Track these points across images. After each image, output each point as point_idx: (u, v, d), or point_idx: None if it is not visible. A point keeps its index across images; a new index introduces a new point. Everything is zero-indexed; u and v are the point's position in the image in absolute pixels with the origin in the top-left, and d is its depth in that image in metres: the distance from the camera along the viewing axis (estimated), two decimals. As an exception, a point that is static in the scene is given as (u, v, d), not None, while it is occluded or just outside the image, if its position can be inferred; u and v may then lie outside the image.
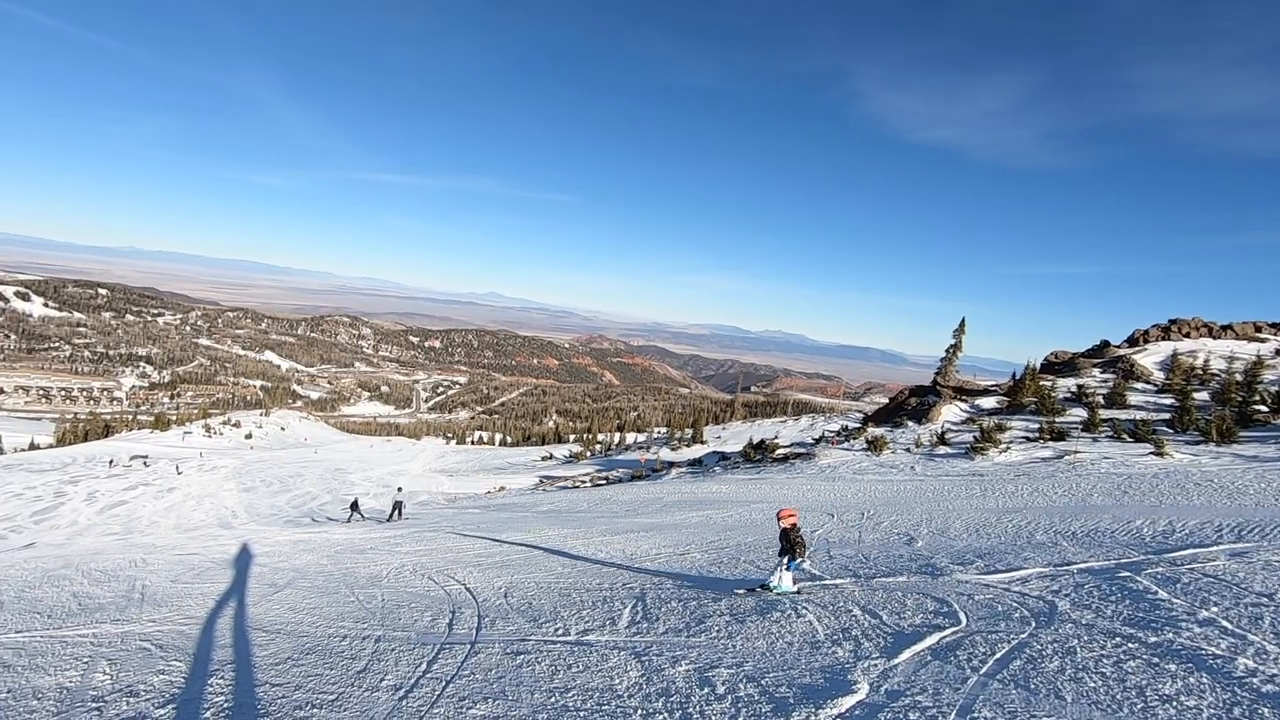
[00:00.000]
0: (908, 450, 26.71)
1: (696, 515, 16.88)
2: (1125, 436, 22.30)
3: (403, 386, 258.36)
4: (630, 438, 78.18)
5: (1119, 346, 39.65)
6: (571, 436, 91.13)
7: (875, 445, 27.50)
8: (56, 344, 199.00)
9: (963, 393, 36.07)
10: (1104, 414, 25.72)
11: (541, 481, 42.14)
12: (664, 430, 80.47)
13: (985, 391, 36.19)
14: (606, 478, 39.18)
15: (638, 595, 8.53)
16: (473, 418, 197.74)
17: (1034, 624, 5.91)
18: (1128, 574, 7.26)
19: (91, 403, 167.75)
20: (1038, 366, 34.24)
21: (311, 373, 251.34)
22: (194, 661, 7.05)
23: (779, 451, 33.15)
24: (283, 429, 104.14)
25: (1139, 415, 24.92)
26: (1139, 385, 31.71)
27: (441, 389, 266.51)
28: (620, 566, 10.85)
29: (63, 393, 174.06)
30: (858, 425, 40.10)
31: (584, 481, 38.69)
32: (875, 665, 5.24)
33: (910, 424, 33.27)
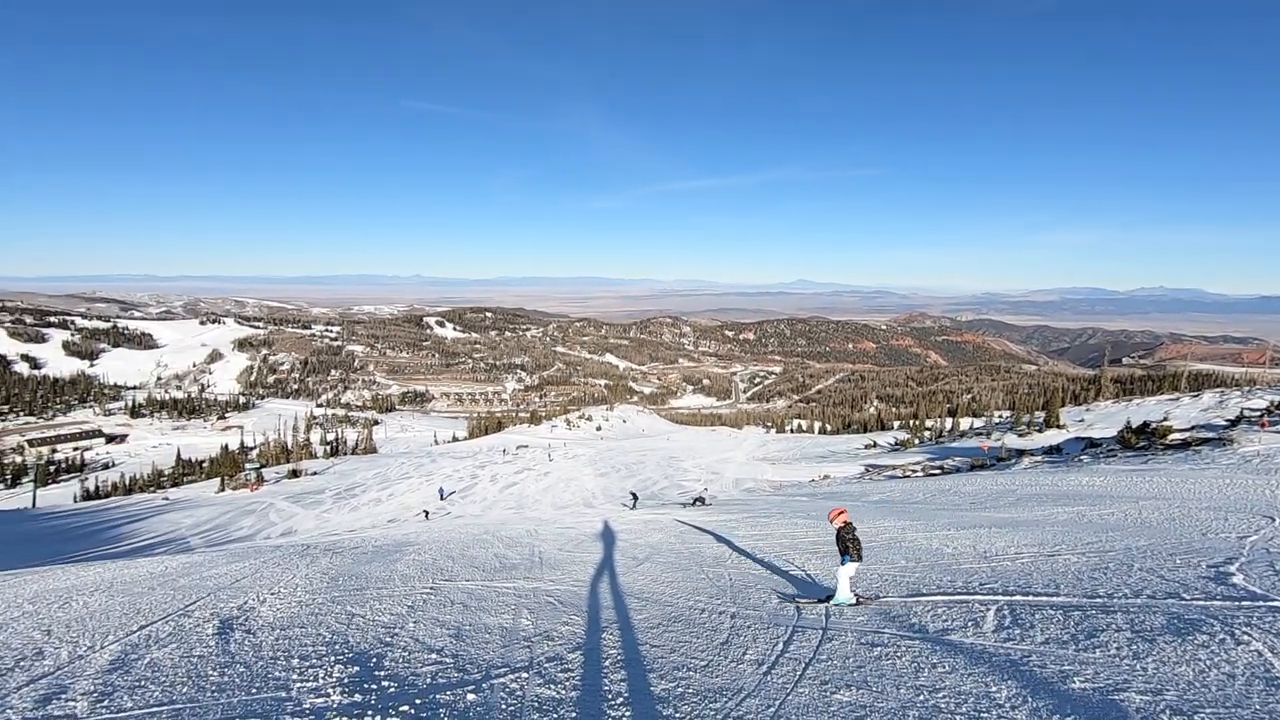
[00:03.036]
0: (1397, 433, 19.29)
1: (1064, 511, 14.50)
2: None
3: (721, 379, 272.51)
4: (965, 423, 70.46)
5: None
6: (896, 423, 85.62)
7: (1336, 427, 20.42)
8: (462, 359, 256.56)
9: None
10: None
11: (867, 470, 40.46)
12: (1007, 414, 70.92)
13: None
14: (940, 467, 35.96)
15: (1001, 597, 7.69)
16: (790, 406, 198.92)
17: None
18: None
19: (487, 404, 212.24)
20: None
21: (643, 370, 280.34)
22: (588, 617, 8.41)
23: (1174, 436, 26.62)
24: (624, 421, 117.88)
25: None
26: None
27: (758, 379, 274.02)
28: (973, 564, 9.89)
29: (469, 396, 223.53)
30: (1301, 401, 30.24)
31: (914, 471, 36.09)
32: (1382, 722, 3.92)
33: (1398, 397, 23.98)
